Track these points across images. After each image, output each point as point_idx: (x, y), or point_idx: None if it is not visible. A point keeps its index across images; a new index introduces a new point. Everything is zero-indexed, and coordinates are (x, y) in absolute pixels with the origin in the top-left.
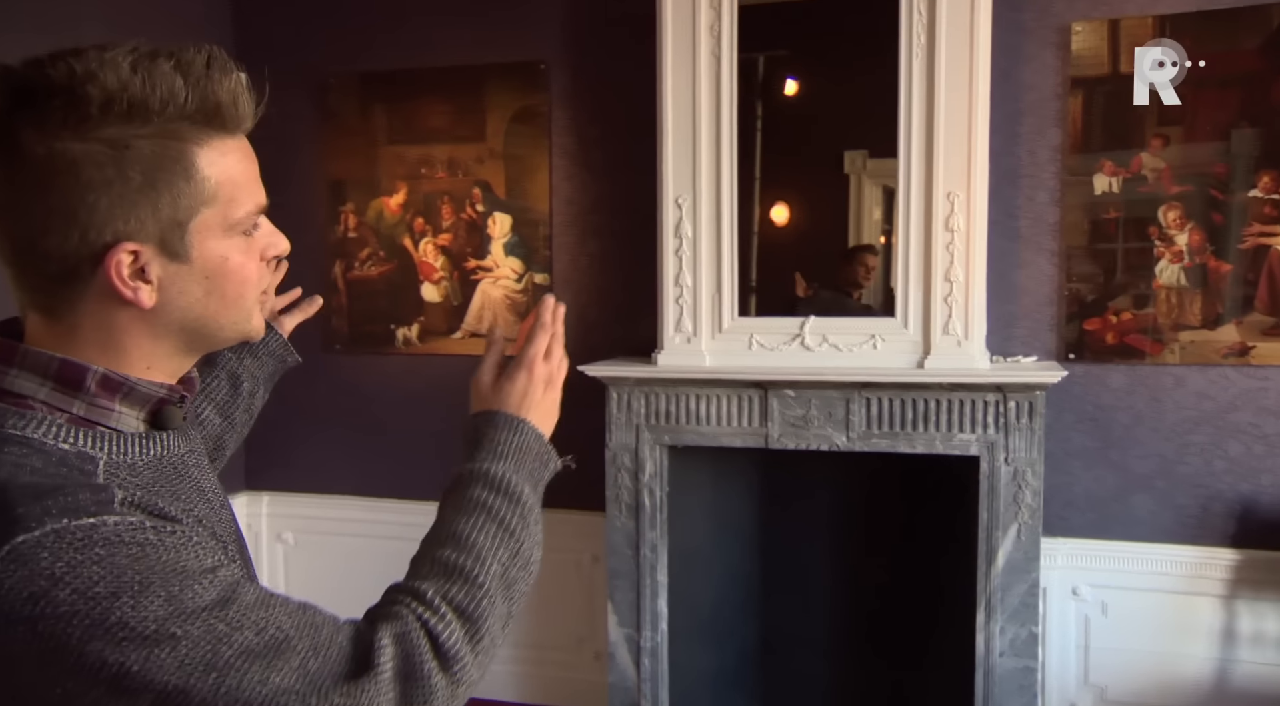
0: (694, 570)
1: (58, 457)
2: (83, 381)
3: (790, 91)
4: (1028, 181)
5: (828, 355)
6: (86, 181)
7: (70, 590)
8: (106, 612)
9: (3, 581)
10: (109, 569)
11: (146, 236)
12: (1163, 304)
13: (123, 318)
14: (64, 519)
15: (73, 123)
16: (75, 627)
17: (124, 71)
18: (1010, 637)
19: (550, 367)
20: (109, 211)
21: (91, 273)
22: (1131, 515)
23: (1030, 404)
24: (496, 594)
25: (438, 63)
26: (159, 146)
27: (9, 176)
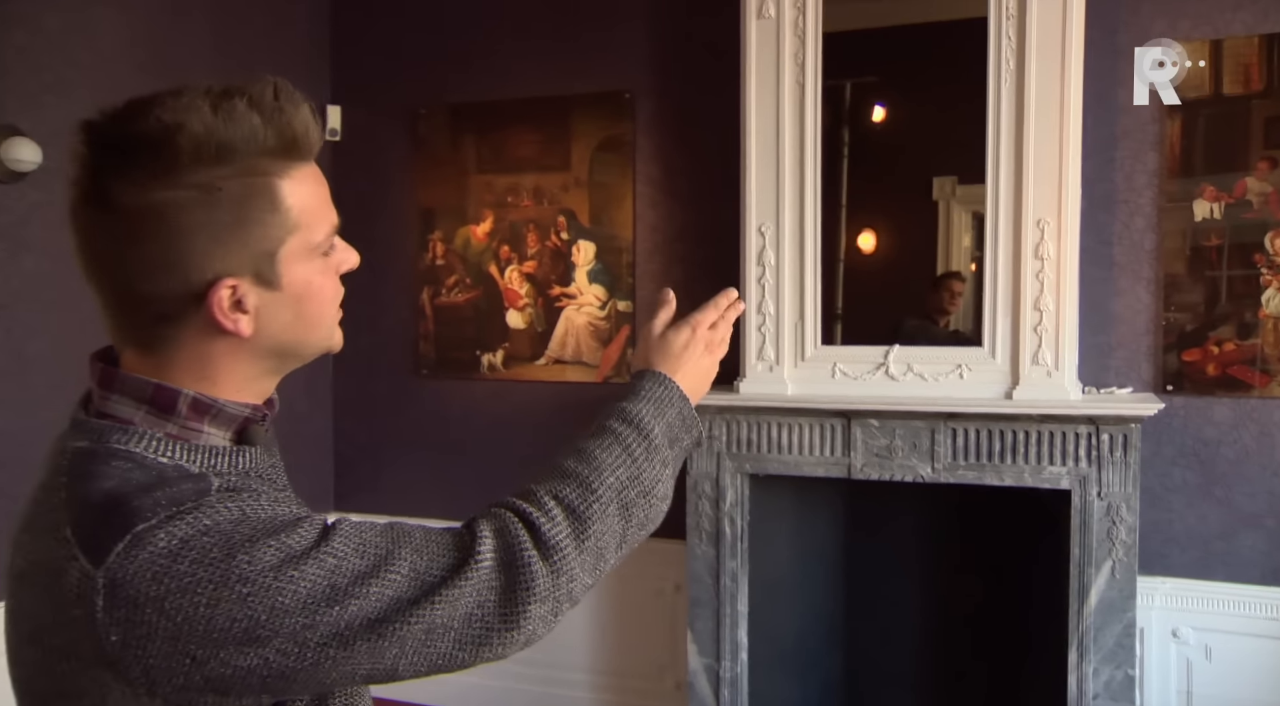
0: (776, 600)
1: (157, 471)
2: (175, 405)
3: (878, 118)
4: (1124, 207)
5: (913, 385)
6: (182, 227)
7: (189, 561)
8: (227, 572)
9: (127, 566)
10: (218, 536)
11: (242, 269)
12: (1270, 334)
13: (220, 347)
14: (173, 507)
15: (162, 173)
16: (201, 594)
17: (207, 116)
18: (1105, 679)
19: (713, 336)
20: (206, 252)
21: (194, 309)
22: (1238, 555)
23: (1125, 437)
24: (610, 503)
25: (525, 93)
26: (245, 185)
27: (103, 228)
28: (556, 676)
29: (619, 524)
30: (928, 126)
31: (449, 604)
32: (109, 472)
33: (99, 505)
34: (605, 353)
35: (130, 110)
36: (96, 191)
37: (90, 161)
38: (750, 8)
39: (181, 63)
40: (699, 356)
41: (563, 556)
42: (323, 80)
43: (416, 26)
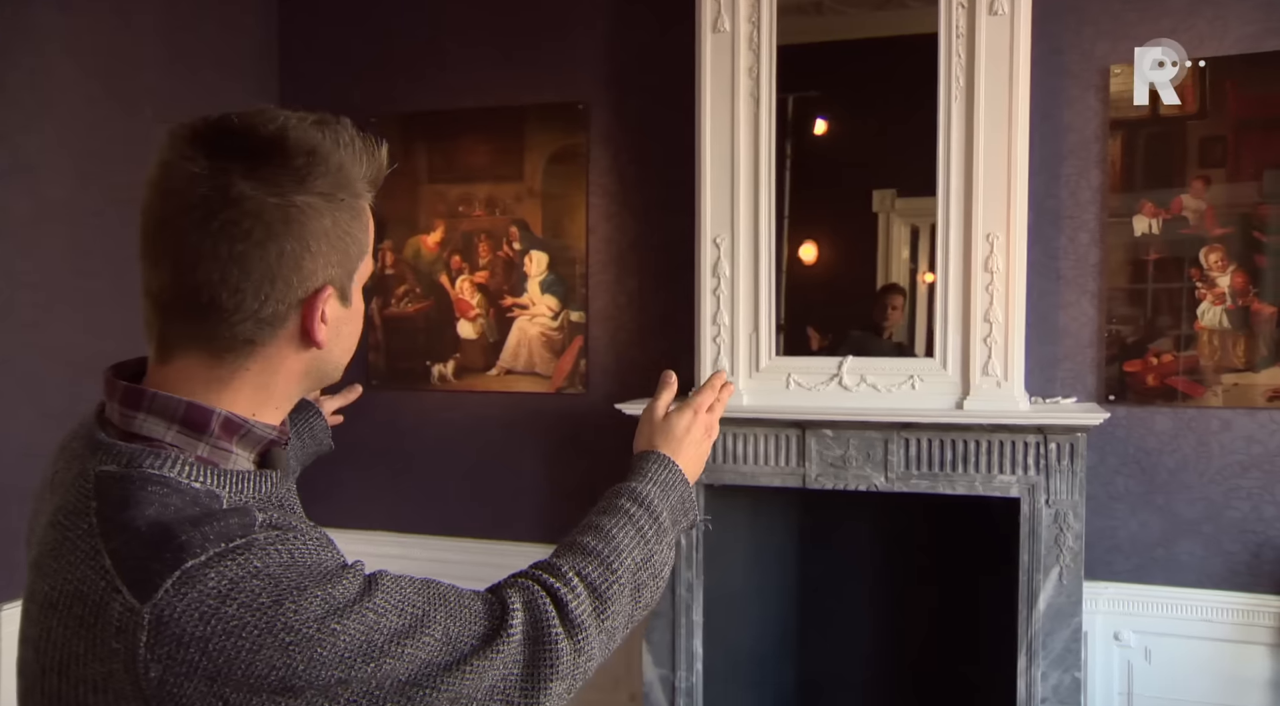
0: (732, 610)
1: (191, 496)
2: (208, 423)
3: (820, 131)
4: (1069, 223)
5: (866, 395)
6: (310, 230)
7: (238, 605)
8: (273, 620)
9: (175, 604)
10: (268, 580)
11: (336, 281)
12: (1205, 346)
13: (290, 360)
14: (221, 543)
15: (294, 178)
16: (245, 639)
17: (318, 134)
18: (1053, 683)
19: (710, 420)
20: (324, 257)
21: (291, 314)
22: (1177, 560)
23: (1072, 446)
24: (626, 584)
25: (478, 103)
26: (354, 203)
27: (225, 231)
28: None
29: (630, 604)
30: (869, 140)
31: (477, 674)
32: (147, 499)
33: (144, 536)
34: (558, 363)
35: (248, 121)
36: (223, 192)
37: (216, 163)
38: (705, 22)
39: (127, 66)
40: (699, 440)
41: (585, 635)
42: (271, 87)
43: (368, 34)
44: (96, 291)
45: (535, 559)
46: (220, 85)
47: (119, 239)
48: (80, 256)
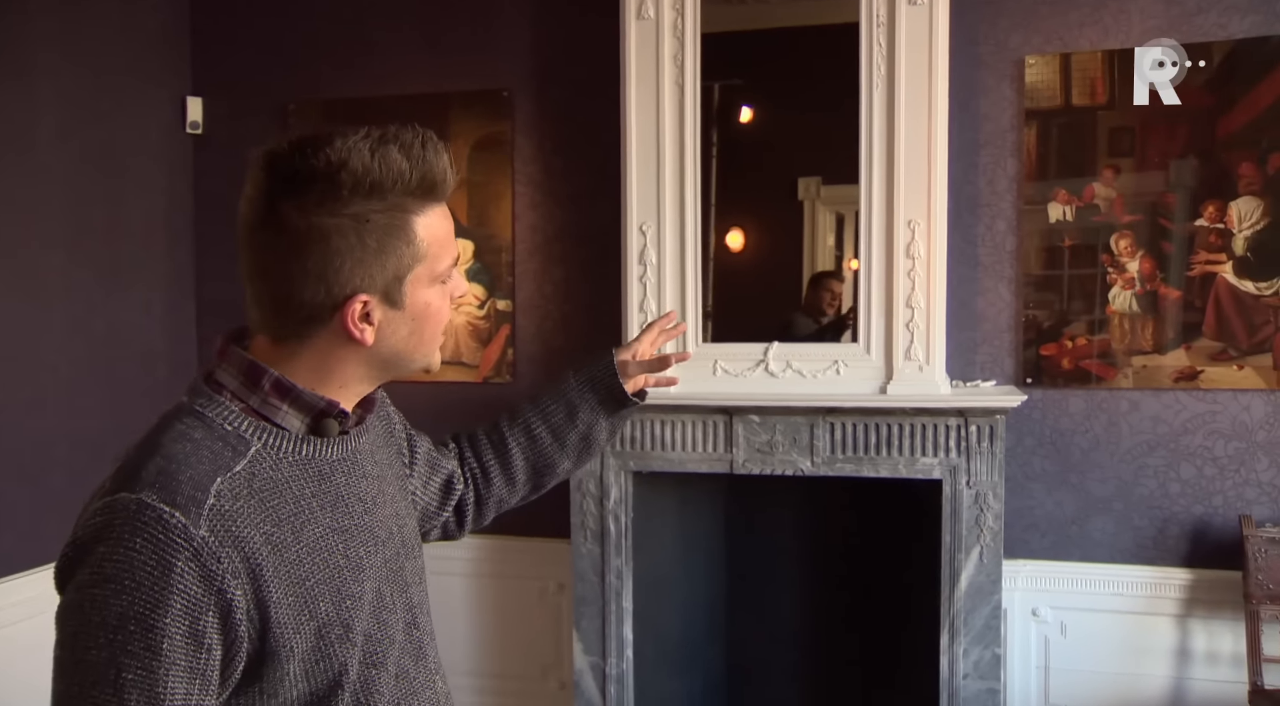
0: (661, 596)
1: (219, 434)
2: (260, 382)
3: (745, 119)
4: (987, 210)
5: (792, 381)
6: (335, 247)
7: (98, 555)
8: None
9: (95, 517)
10: (121, 553)
11: (374, 288)
12: (1116, 330)
13: (341, 351)
14: (151, 494)
15: (327, 201)
16: (68, 576)
17: (366, 158)
18: (974, 659)
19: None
20: (350, 270)
21: (330, 316)
22: (1090, 537)
23: (991, 428)
24: None
25: (401, 90)
26: (390, 218)
27: (271, 241)
28: None
29: None
30: (793, 128)
31: None
32: (175, 428)
33: (135, 458)
34: (485, 352)
35: (305, 146)
36: (269, 211)
37: (266, 186)
38: (630, 9)
39: (22, 47)
40: None
41: None
42: (182, 70)
43: (286, 17)
44: None
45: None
46: (128, 70)
47: (15, 229)
48: None
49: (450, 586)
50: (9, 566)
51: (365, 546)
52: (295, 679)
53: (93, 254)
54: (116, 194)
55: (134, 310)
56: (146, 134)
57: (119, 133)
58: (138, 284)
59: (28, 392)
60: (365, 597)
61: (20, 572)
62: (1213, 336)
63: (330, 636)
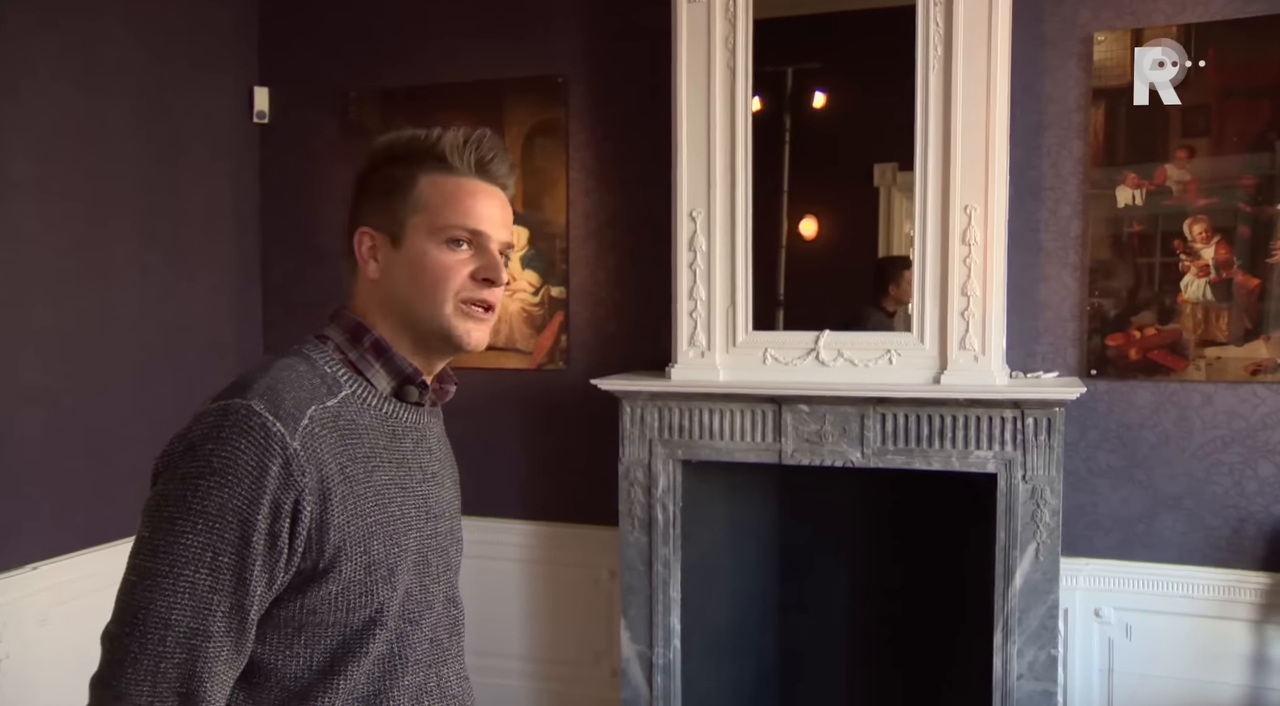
0: (710, 586)
1: (319, 373)
2: (362, 339)
3: (819, 104)
4: (1050, 194)
5: (843, 370)
6: (359, 194)
7: (206, 451)
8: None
9: (208, 417)
10: (228, 450)
11: (379, 227)
12: (1188, 319)
13: (365, 291)
14: (260, 402)
15: (372, 162)
16: (171, 468)
17: (406, 133)
18: (1029, 660)
19: None
20: (363, 208)
21: (352, 253)
22: (1159, 536)
23: (1049, 421)
24: None
25: (457, 77)
26: (404, 173)
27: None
28: (491, 665)
29: None
30: (869, 113)
31: None
32: (284, 363)
33: (249, 375)
34: (539, 339)
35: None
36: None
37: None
38: None
39: (98, 37)
40: None
41: None
42: (250, 61)
43: (348, 7)
44: (65, 269)
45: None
46: (197, 62)
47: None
48: (51, 233)
49: (504, 571)
50: (82, 541)
51: (418, 509)
52: (336, 603)
53: (162, 241)
54: (185, 183)
55: (202, 296)
56: (215, 124)
57: (188, 122)
58: (205, 270)
59: (100, 377)
60: (410, 552)
61: (90, 547)
62: None
63: (376, 574)
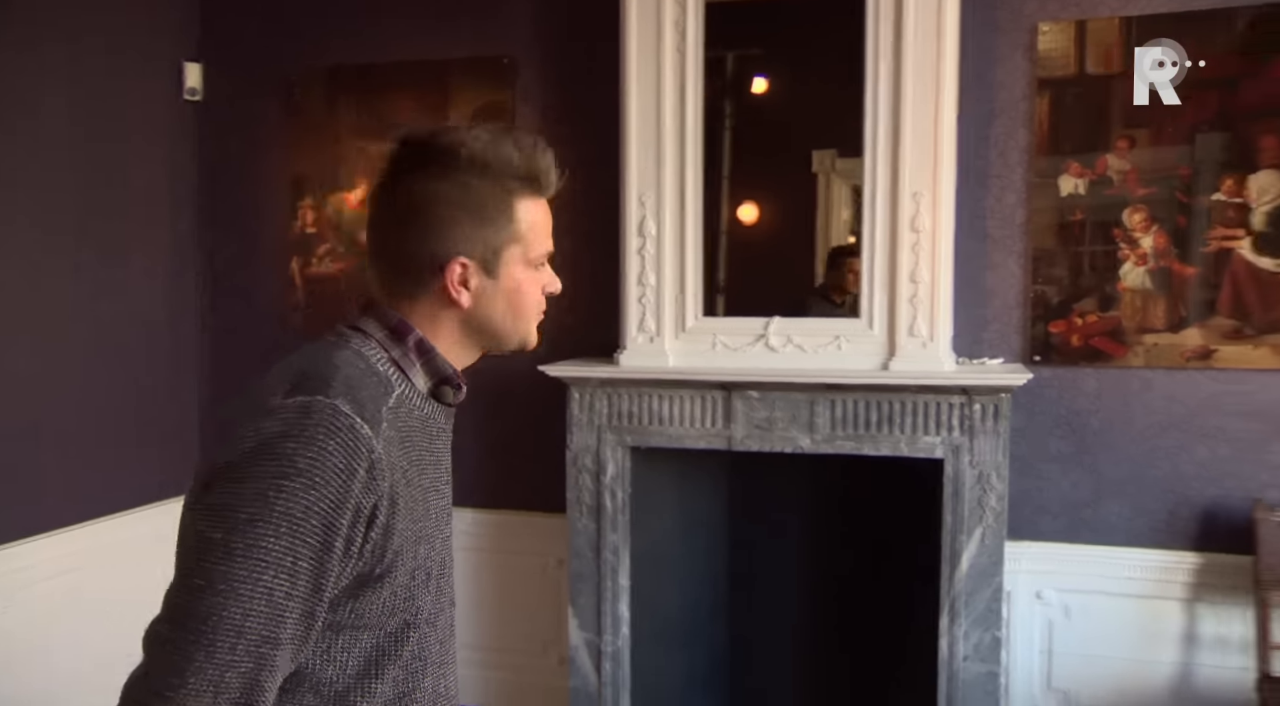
0: (659, 573)
1: (373, 371)
2: (406, 338)
3: (759, 90)
4: (997, 183)
5: (792, 356)
6: (442, 213)
7: (289, 450)
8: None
9: (287, 410)
10: (313, 451)
11: (473, 254)
12: (1127, 307)
13: (444, 313)
14: (344, 401)
15: (444, 172)
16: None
17: (484, 140)
18: (975, 642)
19: None
20: (453, 235)
21: (434, 278)
22: (1103, 520)
23: (996, 407)
24: None
25: (402, 57)
26: (494, 194)
27: (391, 208)
28: None
29: None
30: (808, 100)
31: None
32: (342, 357)
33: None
34: None
35: (436, 131)
36: (394, 182)
37: (395, 161)
38: None
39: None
40: None
41: None
42: (187, 36)
43: None
44: None
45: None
46: (137, 39)
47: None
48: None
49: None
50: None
51: (442, 510)
52: (384, 608)
53: (94, 222)
54: (117, 161)
55: (136, 279)
56: (146, 101)
57: (120, 100)
58: (139, 253)
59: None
60: (440, 553)
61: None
62: (1228, 314)
63: (418, 578)
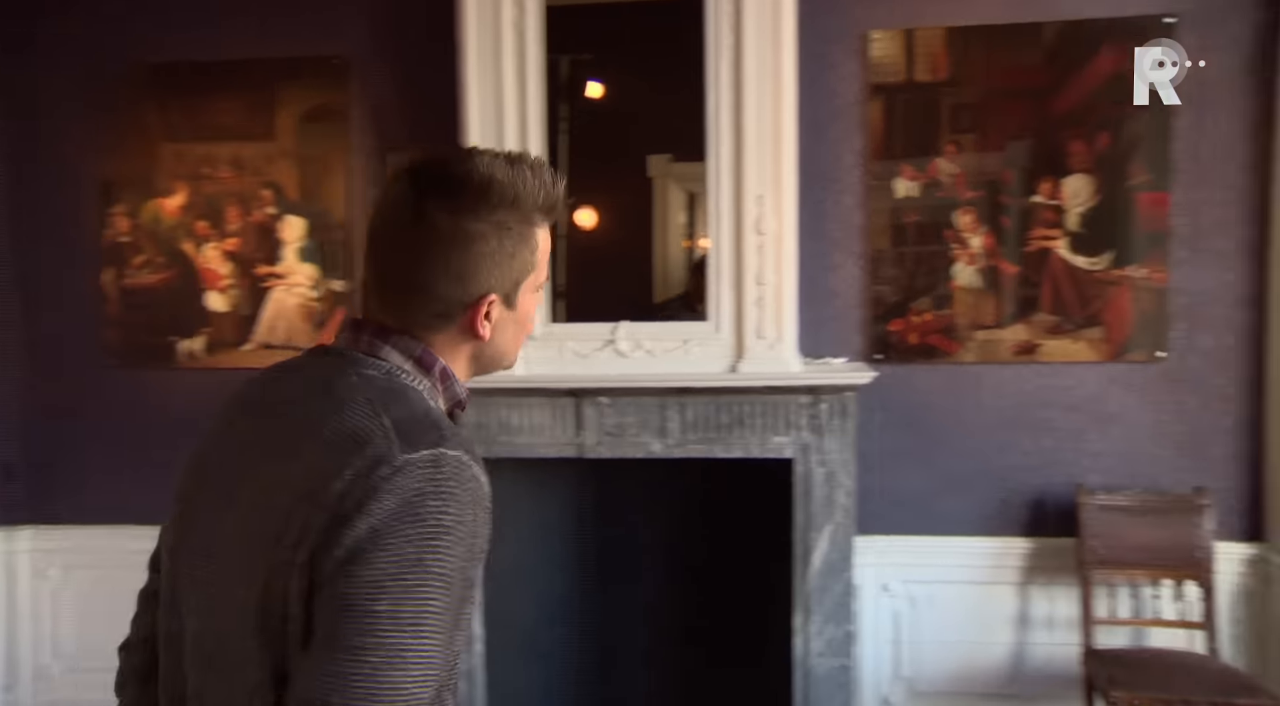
0: (516, 586)
1: (433, 410)
2: (433, 368)
3: (595, 94)
4: (835, 186)
5: (642, 361)
6: (479, 251)
7: (434, 495)
8: (439, 529)
9: (416, 467)
10: (455, 493)
11: (501, 289)
12: (960, 304)
13: (461, 345)
14: (460, 449)
15: (477, 209)
16: (411, 520)
17: (508, 172)
18: (828, 637)
19: None
20: (488, 272)
21: (460, 313)
22: (942, 511)
23: (843, 405)
24: None
25: (223, 55)
26: (523, 229)
27: (417, 243)
28: None
29: None
30: (644, 104)
31: None
32: (413, 398)
33: (418, 418)
34: (320, 337)
35: (453, 158)
36: (418, 214)
37: (416, 191)
38: None
39: None
40: None
41: None
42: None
43: None
44: None
45: None
46: None
47: None
48: None
49: None
50: None
51: None
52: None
53: None
54: None
55: None
56: None
57: None
58: None
59: None
60: None
61: None
62: (1049, 310)
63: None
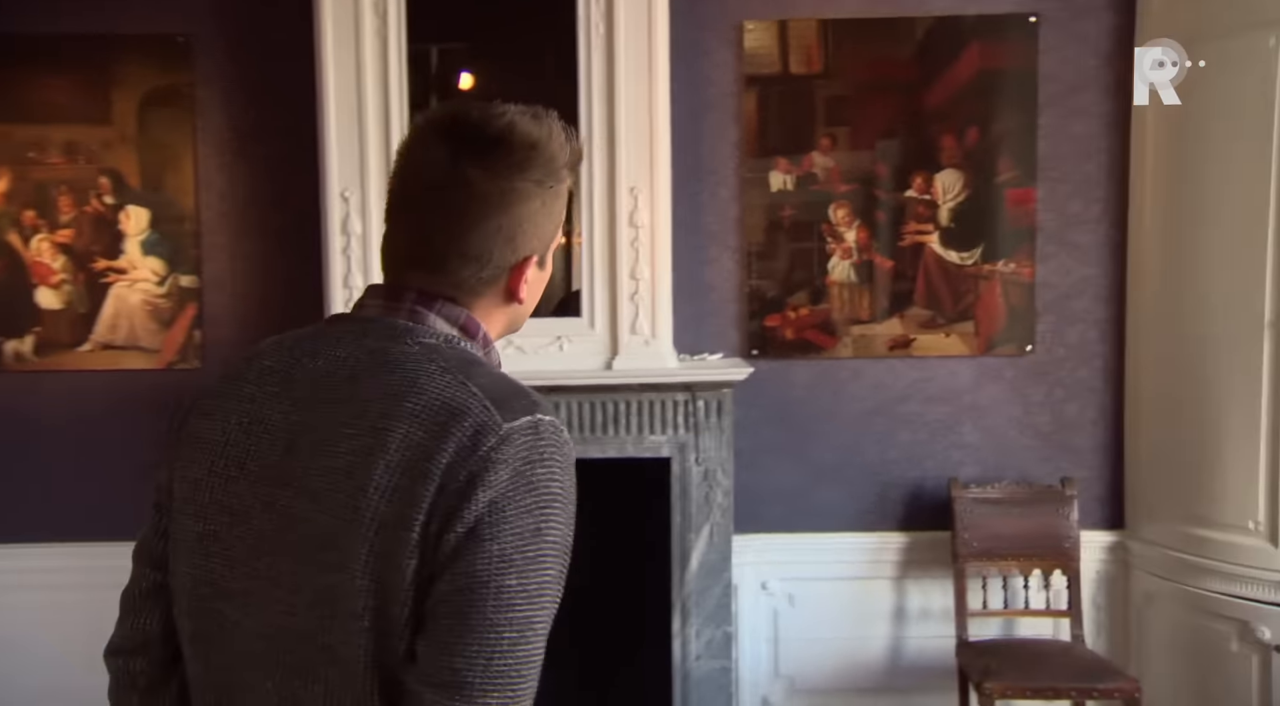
0: None
1: (511, 376)
2: (478, 333)
3: (466, 86)
4: (711, 178)
5: (512, 358)
6: (525, 212)
7: (542, 461)
8: (543, 503)
9: (518, 436)
10: (557, 458)
11: (540, 250)
12: (836, 299)
13: (498, 308)
14: (548, 415)
15: (519, 168)
16: (528, 496)
17: (538, 129)
18: (707, 639)
19: None
20: (533, 233)
21: (504, 276)
22: (818, 507)
23: (719, 402)
24: None
25: (51, 28)
26: (560, 188)
27: (458, 204)
28: None
29: None
30: (517, 95)
31: None
32: (488, 365)
33: (504, 383)
34: (168, 335)
35: (482, 114)
36: (455, 174)
37: (449, 149)
38: None
39: None
40: None
41: None
42: None
43: None
44: None
45: None
46: None
47: None
48: None
49: None
50: None
51: None
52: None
53: None
54: None
55: None
56: None
57: None
58: None
59: None
60: None
61: None
62: (923, 304)
63: None
